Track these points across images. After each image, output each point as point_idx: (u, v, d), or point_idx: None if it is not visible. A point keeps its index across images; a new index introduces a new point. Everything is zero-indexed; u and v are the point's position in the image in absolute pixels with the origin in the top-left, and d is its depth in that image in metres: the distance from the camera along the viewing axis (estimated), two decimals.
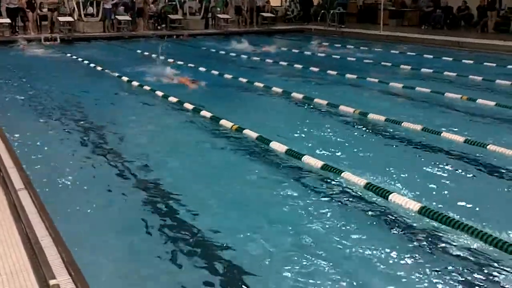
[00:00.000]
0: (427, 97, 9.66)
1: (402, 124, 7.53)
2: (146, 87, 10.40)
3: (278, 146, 6.41)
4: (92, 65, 13.57)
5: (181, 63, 13.75)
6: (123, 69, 12.56)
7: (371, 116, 8.06)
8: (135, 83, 10.93)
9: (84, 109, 8.81)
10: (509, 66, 13.02)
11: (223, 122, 7.63)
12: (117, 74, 11.96)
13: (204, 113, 8.18)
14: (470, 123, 7.89)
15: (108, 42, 19.34)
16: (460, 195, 5.10)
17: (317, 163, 5.78)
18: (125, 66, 13.08)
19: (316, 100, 9.26)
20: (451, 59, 14.46)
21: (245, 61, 15.04)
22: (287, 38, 21.10)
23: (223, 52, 16.70)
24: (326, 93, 9.88)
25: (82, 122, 7.94)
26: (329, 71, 12.53)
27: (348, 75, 11.98)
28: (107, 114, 8.51)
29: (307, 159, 5.93)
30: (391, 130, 7.46)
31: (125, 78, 11.44)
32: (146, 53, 15.79)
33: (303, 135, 7.34)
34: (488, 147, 6.39)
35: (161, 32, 21.17)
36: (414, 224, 4.47)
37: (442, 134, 7.00)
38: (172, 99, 9.25)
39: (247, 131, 7.09)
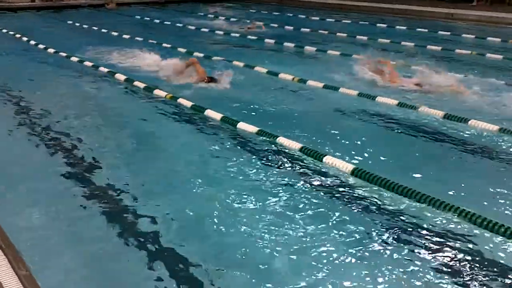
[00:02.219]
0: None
1: (340, 90, 7.68)
2: (74, 58, 10.04)
3: (213, 114, 6.43)
4: (17, 35, 12.82)
5: (115, 33, 13.28)
6: (55, 41, 11.94)
7: (310, 83, 8.15)
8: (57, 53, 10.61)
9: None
10: (440, 32, 13.40)
11: (156, 91, 7.54)
12: (53, 50, 11.27)
13: (137, 83, 8.04)
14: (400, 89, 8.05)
15: (36, 12, 18.36)
16: (391, 157, 5.27)
17: (253, 129, 5.81)
18: (57, 39, 12.52)
19: (256, 68, 9.22)
20: (385, 25, 14.74)
21: (182, 30, 14.66)
22: (225, 7, 20.73)
23: (157, 21, 16.20)
24: (265, 61, 9.82)
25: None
26: (267, 40, 12.46)
27: (286, 43, 11.95)
28: (34, 88, 8.15)
29: (242, 126, 5.97)
30: (329, 96, 7.57)
31: (51, 50, 10.96)
32: (78, 24, 15.11)
33: (243, 103, 7.30)
34: (420, 109, 6.66)
35: (93, 1, 20.30)
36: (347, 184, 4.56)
37: (376, 99, 7.16)
38: (103, 69, 9.04)
39: (181, 100, 7.02)
